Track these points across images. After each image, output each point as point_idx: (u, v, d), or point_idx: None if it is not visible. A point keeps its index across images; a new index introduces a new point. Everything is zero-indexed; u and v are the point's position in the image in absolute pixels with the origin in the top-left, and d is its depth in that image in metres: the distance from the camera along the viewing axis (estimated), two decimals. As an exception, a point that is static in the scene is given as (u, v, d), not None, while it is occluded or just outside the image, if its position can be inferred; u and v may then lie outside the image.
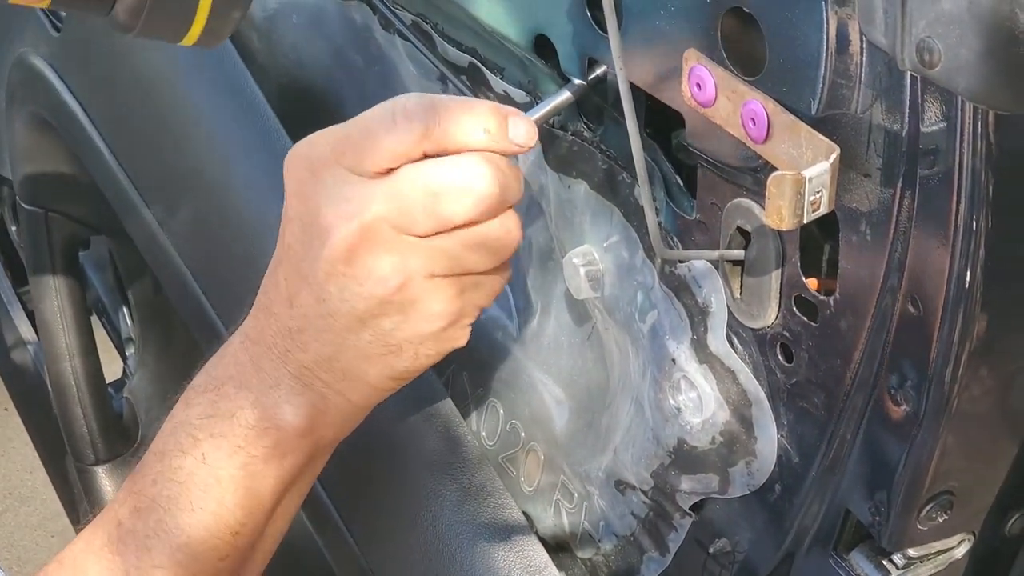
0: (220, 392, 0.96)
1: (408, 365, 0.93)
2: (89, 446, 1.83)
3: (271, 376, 0.95)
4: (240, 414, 0.95)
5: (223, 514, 0.96)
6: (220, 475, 0.96)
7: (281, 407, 0.95)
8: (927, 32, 0.64)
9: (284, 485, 0.98)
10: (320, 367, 0.93)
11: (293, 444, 0.96)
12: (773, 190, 0.73)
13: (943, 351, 0.75)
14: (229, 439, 0.95)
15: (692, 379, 0.92)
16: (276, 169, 1.27)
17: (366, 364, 0.93)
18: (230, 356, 0.97)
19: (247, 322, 0.97)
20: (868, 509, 0.85)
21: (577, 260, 1.01)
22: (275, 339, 0.94)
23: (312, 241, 0.89)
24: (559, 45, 0.94)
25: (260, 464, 0.96)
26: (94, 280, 2.02)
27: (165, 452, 0.97)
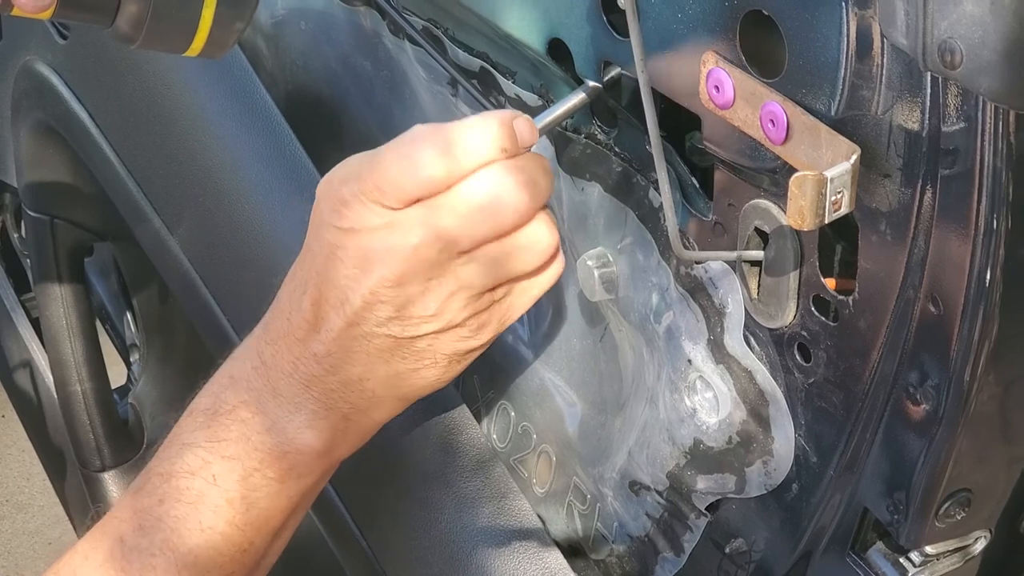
0: (232, 416, 0.96)
1: (439, 377, 0.95)
2: (95, 452, 1.83)
3: (291, 402, 0.95)
4: (256, 438, 0.96)
5: (232, 534, 0.97)
6: (232, 496, 0.96)
7: (302, 432, 0.95)
8: (949, 33, 0.64)
9: (296, 503, 0.99)
10: (348, 389, 0.94)
11: (311, 466, 0.97)
12: (795, 190, 0.73)
13: (963, 350, 0.76)
14: (244, 461, 0.96)
15: (708, 379, 0.93)
16: (285, 175, 1.29)
17: (397, 381, 0.94)
18: (242, 381, 0.97)
19: (260, 347, 0.97)
20: (887, 508, 0.85)
21: (591, 262, 1.01)
22: (297, 364, 0.95)
23: (349, 271, 0.90)
24: (574, 48, 0.95)
25: (275, 485, 0.97)
26: (98, 287, 2.02)
27: (172, 473, 0.97)
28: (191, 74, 1.34)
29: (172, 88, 1.35)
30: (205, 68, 1.33)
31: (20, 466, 2.95)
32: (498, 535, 1.12)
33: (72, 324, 1.78)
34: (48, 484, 2.33)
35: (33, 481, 2.90)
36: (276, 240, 1.25)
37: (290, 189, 1.27)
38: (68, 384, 1.80)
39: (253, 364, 0.97)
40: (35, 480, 2.88)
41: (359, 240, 0.90)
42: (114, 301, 2.00)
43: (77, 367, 1.79)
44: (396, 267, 0.89)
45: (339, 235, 0.90)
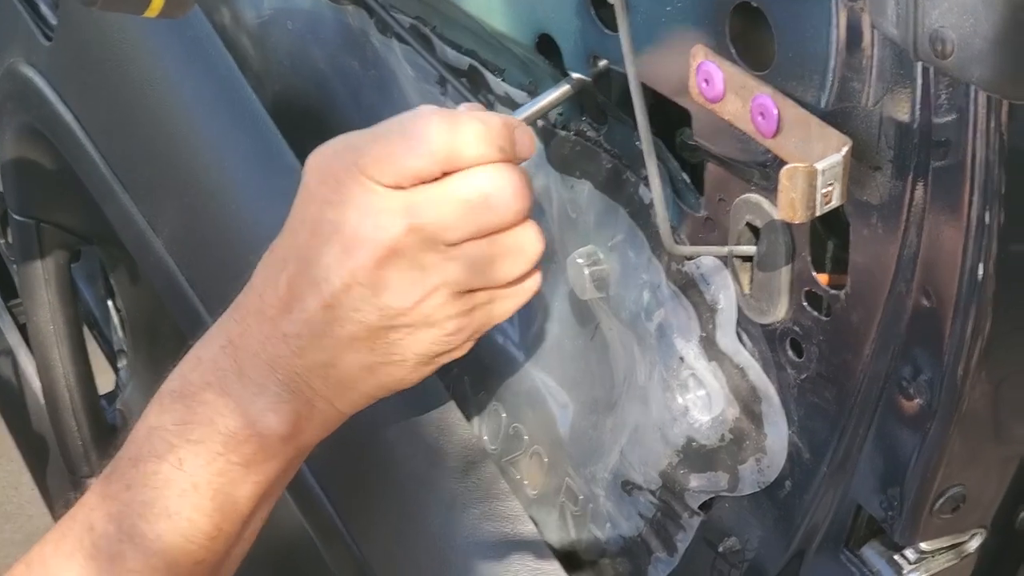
0: (198, 398, 0.95)
1: (405, 376, 0.94)
2: (83, 458, 1.82)
3: (255, 383, 0.93)
4: (220, 420, 0.94)
5: (199, 520, 0.95)
6: (197, 481, 0.95)
7: (265, 415, 0.94)
8: (940, 22, 0.64)
9: (263, 490, 0.98)
10: (313, 374, 0.93)
11: (275, 450, 0.96)
12: (786, 183, 0.73)
13: (957, 343, 0.75)
14: (208, 445, 0.94)
15: (701, 377, 0.92)
16: (272, 174, 1.28)
17: (364, 373, 0.93)
18: (209, 361, 0.95)
19: (228, 325, 0.95)
20: (880, 504, 0.85)
21: (581, 260, 1.01)
22: (264, 344, 0.93)
23: (330, 248, 0.88)
24: (563, 44, 0.94)
25: (240, 470, 0.95)
26: (85, 293, 2.01)
27: (139, 458, 0.96)
28: (177, 74, 1.33)
29: (157, 88, 1.34)
30: (190, 67, 1.33)
31: (7, 476, 2.93)
32: (489, 536, 1.11)
33: (59, 330, 1.77)
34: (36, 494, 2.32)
35: (21, 491, 2.89)
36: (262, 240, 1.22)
37: (277, 189, 1.26)
38: (55, 390, 1.79)
39: (220, 343, 0.95)
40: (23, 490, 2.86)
41: (347, 216, 0.88)
42: (101, 307, 1.99)
43: (64, 373, 1.78)
44: (380, 248, 0.87)
45: (326, 210, 0.88)
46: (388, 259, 0.87)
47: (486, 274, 0.90)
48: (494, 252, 0.90)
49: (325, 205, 0.89)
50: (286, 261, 0.92)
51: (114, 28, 1.37)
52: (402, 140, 0.87)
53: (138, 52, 1.35)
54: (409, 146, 0.87)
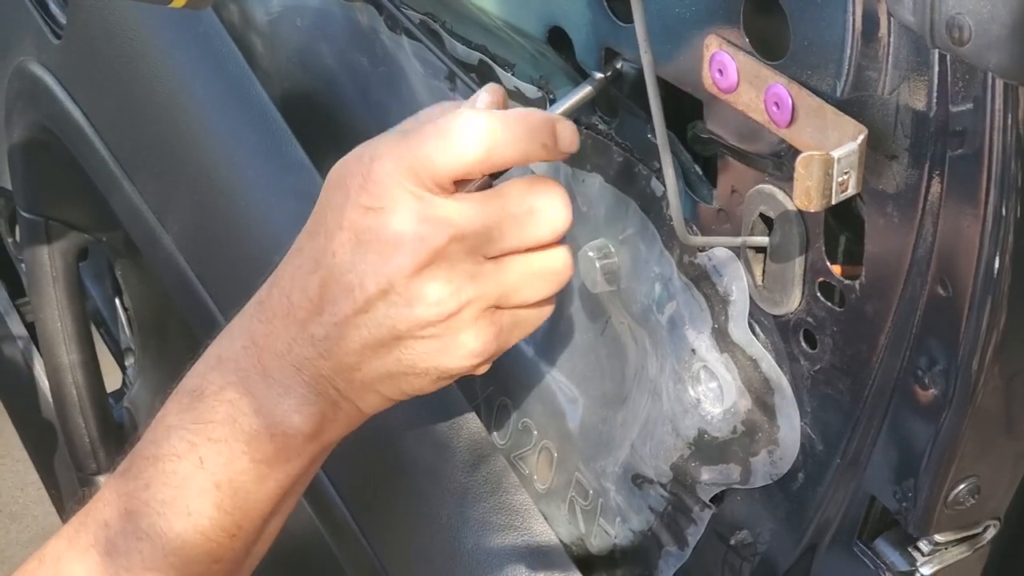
0: (219, 397, 0.94)
1: (423, 385, 0.93)
2: (91, 456, 1.82)
3: (281, 384, 0.93)
4: (244, 420, 0.94)
5: (220, 518, 0.95)
6: (219, 480, 0.94)
7: (291, 416, 0.93)
8: (957, 8, 0.64)
9: (285, 488, 0.97)
10: (338, 376, 0.92)
11: (300, 449, 0.95)
12: (802, 171, 0.73)
13: (972, 333, 0.75)
14: (230, 444, 0.94)
15: (713, 369, 0.92)
16: (282, 172, 1.28)
17: (385, 379, 0.92)
18: (231, 361, 0.95)
19: (252, 325, 0.95)
20: (895, 496, 0.84)
21: (593, 254, 1.00)
22: (291, 345, 0.92)
23: (369, 255, 0.87)
24: (575, 36, 0.94)
25: (263, 468, 0.95)
26: (92, 291, 2.01)
27: (158, 456, 0.95)
28: (186, 71, 1.33)
29: (167, 85, 1.34)
30: (200, 65, 1.33)
31: (14, 476, 2.94)
32: (499, 529, 1.11)
33: (67, 328, 1.77)
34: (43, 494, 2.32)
35: (27, 491, 2.89)
36: (271, 237, 1.24)
37: (287, 186, 1.26)
38: (63, 388, 1.79)
39: (243, 343, 0.95)
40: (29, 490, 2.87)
41: (386, 222, 0.86)
42: (109, 305, 1.99)
43: (72, 371, 1.78)
44: (421, 257, 0.86)
45: (365, 215, 0.87)
46: (427, 268, 0.87)
47: (516, 293, 0.90)
48: (529, 270, 0.90)
49: (365, 211, 0.87)
50: (319, 264, 0.90)
51: (123, 25, 1.37)
52: (443, 142, 0.86)
53: (147, 49, 1.35)
54: (451, 148, 0.86)
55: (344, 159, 0.91)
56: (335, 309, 0.90)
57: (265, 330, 0.94)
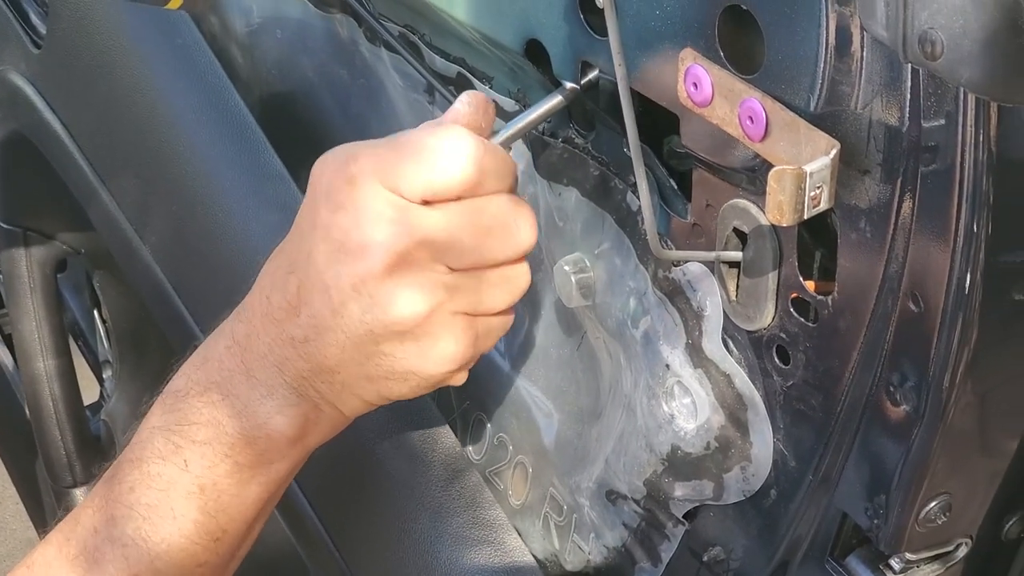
0: (203, 398, 0.94)
1: (403, 391, 0.93)
2: (67, 468, 1.81)
3: (264, 385, 0.93)
4: (228, 422, 0.93)
5: (205, 521, 0.95)
6: (203, 482, 0.94)
7: (274, 417, 0.93)
8: (929, 23, 0.63)
9: (269, 491, 0.97)
10: (319, 378, 0.92)
11: (283, 452, 0.95)
12: (774, 185, 0.72)
13: (944, 349, 0.75)
14: (215, 447, 0.94)
15: (686, 384, 0.92)
16: (259, 183, 1.27)
17: (365, 382, 0.92)
18: (215, 361, 0.95)
19: (235, 326, 0.95)
20: (866, 512, 0.84)
21: (568, 268, 1.00)
22: (272, 346, 0.92)
23: (342, 255, 0.87)
24: (552, 49, 0.94)
25: (247, 471, 0.95)
26: (71, 303, 2.01)
27: (143, 459, 0.95)
28: (165, 82, 1.33)
29: (145, 96, 1.34)
30: (179, 75, 1.32)
31: (-9, 489, 2.92)
32: (473, 544, 1.10)
33: (45, 339, 1.76)
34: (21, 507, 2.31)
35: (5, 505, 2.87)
36: (249, 248, 1.24)
37: (264, 197, 1.26)
38: (40, 400, 1.79)
39: (226, 344, 0.95)
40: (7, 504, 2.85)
41: (359, 223, 0.86)
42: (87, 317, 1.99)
43: (49, 382, 1.77)
44: (392, 258, 0.86)
45: (338, 215, 0.87)
46: (396, 268, 0.86)
47: (486, 300, 0.90)
48: (497, 279, 0.90)
49: (338, 209, 0.87)
50: (295, 264, 0.90)
51: (103, 36, 1.37)
52: (430, 156, 0.86)
53: (127, 59, 1.35)
54: (437, 163, 0.86)
55: (323, 157, 0.90)
56: (312, 310, 0.89)
57: (247, 330, 0.94)
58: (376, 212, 0.86)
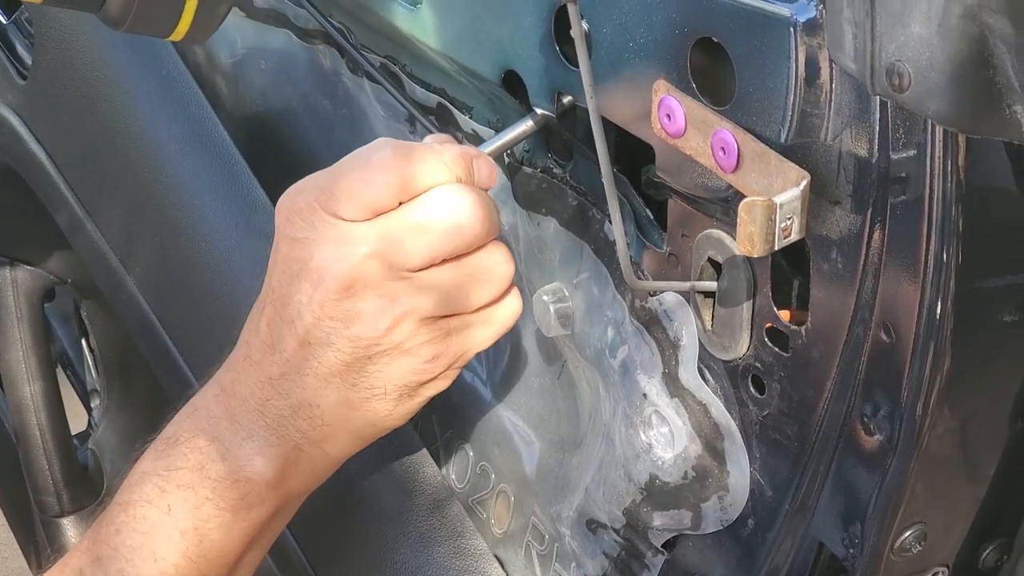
0: (190, 444, 0.96)
1: (390, 411, 0.93)
2: (54, 497, 1.81)
3: (245, 428, 0.94)
4: (210, 466, 0.94)
5: (185, 565, 0.95)
6: (185, 527, 0.95)
7: (253, 459, 0.94)
8: (896, 56, 0.64)
9: (249, 537, 0.97)
10: (299, 415, 0.93)
11: (262, 496, 0.96)
12: (744, 216, 0.73)
13: (916, 378, 0.75)
14: (197, 491, 0.95)
15: (664, 413, 0.92)
16: (243, 213, 1.28)
17: (347, 410, 0.92)
18: (202, 409, 0.96)
19: (222, 373, 0.96)
20: (842, 541, 0.84)
21: (547, 297, 1.01)
22: (253, 389, 0.93)
23: (300, 284, 0.89)
24: (528, 80, 0.94)
25: (227, 516, 0.95)
26: (59, 332, 2.00)
27: (130, 502, 0.96)
28: (149, 113, 1.33)
29: (130, 127, 1.34)
30: (163, 106, 1.33)
31: (-19, 519, 2.91)
32: (454, 574, 1.10)
33: (31, 368, 1.76)
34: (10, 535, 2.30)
35: (-3, 533, 2.86)
36: (231, 278, 1.24)
37: (247, 227, 1.26)
38: (27, 429, 1.78)
39: (214, 392, 0.96)
40: (-1, 532, 2.84)
41: (310, 250, 0.88)
42: (75, 347, 1.98)
43: (36, 411, 1.77)
44: (344, 278, 0.87)
45: (292, 246, 0.89)
46: (352, 288, 0.88)
47: (454, 298, 0.90)
48: (461, 276, 0.90)
49: (292, 243, 0.90)
50: (264, 304, 0.93)
51: (88, 67, 1.37)
52: (358, 173, 0.88)
53: (111, 91, 1.35)
54: (365, 178, 0.88)
55: (284, 194, 0.92)
56: (283, 345, 0.91)
57: (231, 376, 0.95)
58: (323, 238, 0.88)
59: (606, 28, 0.85)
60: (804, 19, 0.72)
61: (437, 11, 1.02)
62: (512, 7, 0.94)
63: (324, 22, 1.18)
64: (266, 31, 1.31)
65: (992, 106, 0.62)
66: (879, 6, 0.64)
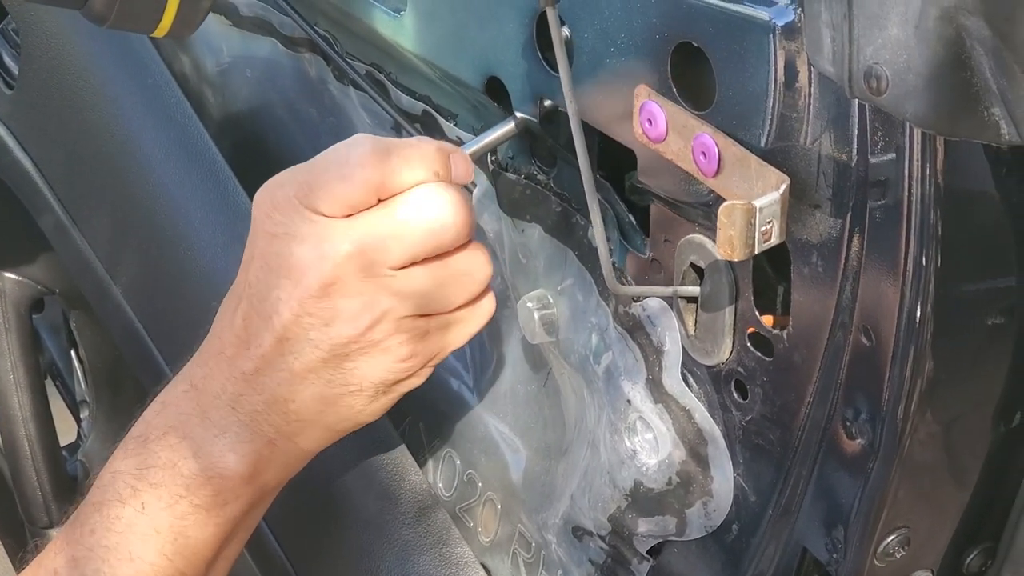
0: (161, 442, 0.95)
1: (364, 407, 0.93)
2: (43, 509, 1.80)
3: (216, 425, 0.93)
4: (182, 463, 0.94)
5: (162, 563, 0.95)
6: (159, 525, 0.94)
7: (226, 456, 0.94)
8: (874, 58, 0.64)
9: (225, 532, 0.97)
10: (272, 410, 0.92)
11: (236, 492, 0.95)
12: (724, 220, 0.73)
13: (896, 382, 0.75)
14: (170, 488, 0.94)
15: (648, 419, 0.92)
16: (229, 222, 1.27)
17: (322, 405, 0.92)
18: (172, 405, 0.96)
19: (192, 369, 0.96)
20: (825, 546, 0.84)
21: (531, 304, 1.00)
22: (225, 384, 0.93)
23: (279, 280, 0.89)
24: (511, 86, 0.94)
25: (202, 513, 0.95)
26: (48, 343, 2.00)
27: (103, 502, 0.96)
28: (135, 122, 1.33)
29: (115, 136, 1.34)
30: (149, 114, 1.33)
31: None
32: (439, 582, 1.10)
33: (19, 379, 1.75)
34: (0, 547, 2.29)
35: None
36: (216, 285, 1.23)
37: (232, 235, 1.26)
38: (15, 440, 1.77)
39: (183, 388, 0.95)
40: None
41: (290, 246, 0.88)
42: (64, 357, 1.98)
43: (24, 422, 1.76)
44: (325, 276, 0.87)
45: (271, 241, 0.89)
46: (333, 286, 0.87)
47: (434, 299, 0.90)
48: (440, 276, 0.90)
49: (271, 238, 0.89)
50: (240, 298, 0.92)
51: (74, 76, 1.37)
52: (336, 169, 0.88)
53: (97, 99, 1.35)
54: (342, 174, 0.87)
55: (260, 189, 0.92)
56: (259, 341, 0.91)
57: (202, 372, 0.95)
58: (304, 234, 0.88)
59: (587, 33, 0.85)
60: (783, 23, 0.72)
61: (420, 18, 1.02)
62: (494, 13, 0.94)
63: (309, 30, 1.18)
64: (252, 39, 1.31)
65: (970, 108, 0.61)
66: (856, 9, 0.64)
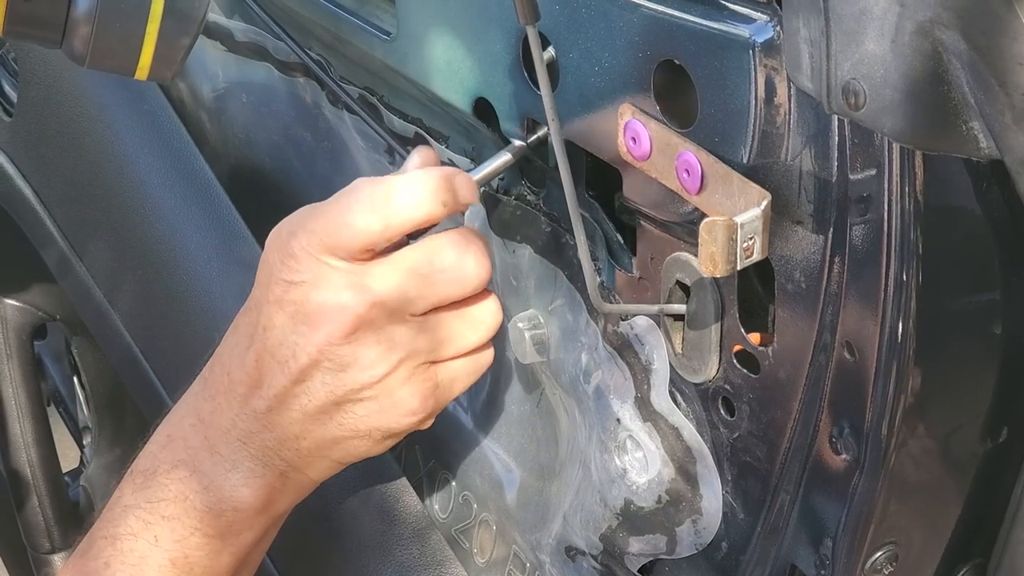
0: (171, 475, 0.96)
1: (370, 447, 0.95)
2: (45, 534, 1.81)
3: (228, 459, 0.94)
4: (195, 497, 0.95)
5: None
6: (174, 556, 0.95)
7: (239, 490, 0.95)
8: (852, 74, 0.64)
9: (238, 559, 0.98)
10: (284, 447, 0.94)
11: (250, 522, 0.96)
12: (706, 236, 0.73)
13: (880, 398, 0.75)
14: (184, 521, 0.95)
15: (637, 438, 0.92)
16: (225, 246, 1.28)
17: (331, 444, 0.94)
18: (179, 439, 0.96)
19: (198, 403, 0.96)
20: (814, 563, 0.84)
21: (522, 324, 1.01)
22: (235, 421, 0.94)
23: (297, 327, 0.89)
24: (498, 107, 0.95)
25: (217, 543, 0.96)
26: (51, 370, 2.00)
27: (116, 536, 0.96)
28: (132, 148, 1.34)
29: (113, 163, 1.34)
30: (146, 140, 1.33)
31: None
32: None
33: (22, 405, 1.76)
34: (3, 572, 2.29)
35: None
36: (213, 310, 1.24)
37: (229, 259, 1.26)
38: (17, 466, 1.78)
39: (191, 422, 0.96)
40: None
41: (309, 295, 0.89)
42: (67, 383, 1.99)
43: (27, 448, 1.77)
44: (347, 324, 0.88)
45: (289, 289, 0.90)
46: (354, 335, 0.89)
47: (450, 342, 0.92)
48: (458, 324, 0.92)
49: (289, 286, 0.90)
50: (252, 338, 0.93)
51: (72, 103, 1.38)
52: (342, 216, 0.88)
53: (94, 126, 1.36)
54: (349, 221, 0.87)
55: (272, 232, 0.92)
56: (272, 382, 0.91)
57: (210, 407, 0.95)
58: (326, 281, 0.88)
59: (572, 53, 0.85)
60: (762, 40, 0.72)
61: (410, 40, 1.03)
62: (480, 35, 0.94)
63: (303, 55, 1.19)
64: (247, 65, 1.32)
65: (948, 123, 0.62)
66: (834, 24, 0.64)
